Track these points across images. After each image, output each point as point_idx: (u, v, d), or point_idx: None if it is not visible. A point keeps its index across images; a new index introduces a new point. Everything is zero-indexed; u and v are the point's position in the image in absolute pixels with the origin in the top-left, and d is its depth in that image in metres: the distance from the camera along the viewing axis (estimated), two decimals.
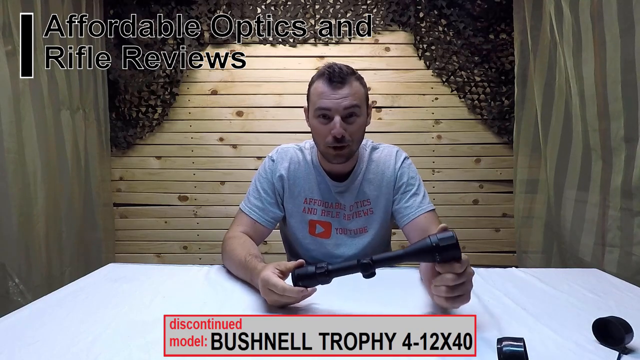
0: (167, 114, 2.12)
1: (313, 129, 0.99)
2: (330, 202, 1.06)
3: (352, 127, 0.95)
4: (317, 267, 0.70)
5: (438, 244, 0.62)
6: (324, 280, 0.70)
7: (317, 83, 0.96)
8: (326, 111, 0.94)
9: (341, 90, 0.93)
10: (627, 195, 1.23)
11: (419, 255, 0.65)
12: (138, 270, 1.00)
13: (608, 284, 0.91)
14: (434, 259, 0.63)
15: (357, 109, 0.94)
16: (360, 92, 0.96)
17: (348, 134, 0.94)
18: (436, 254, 0.62)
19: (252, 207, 1.05)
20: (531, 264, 1.88)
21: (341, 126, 0.93)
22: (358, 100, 0.94)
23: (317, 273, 0.69)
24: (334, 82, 0.93)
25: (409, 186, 1.04)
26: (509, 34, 2.03)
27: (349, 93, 0.93)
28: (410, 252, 0.66)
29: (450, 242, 0.62)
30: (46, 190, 1.63)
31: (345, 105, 0.93)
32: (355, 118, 0.95)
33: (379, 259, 0.67)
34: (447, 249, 0.62)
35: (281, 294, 0.70)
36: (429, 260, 0.64)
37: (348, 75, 0.94)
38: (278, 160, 1.07)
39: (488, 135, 2.12)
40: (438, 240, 0.62)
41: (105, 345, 0.62)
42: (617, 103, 1.25)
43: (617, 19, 1.24)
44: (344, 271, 0.70)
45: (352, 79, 0.95)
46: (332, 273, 0.69)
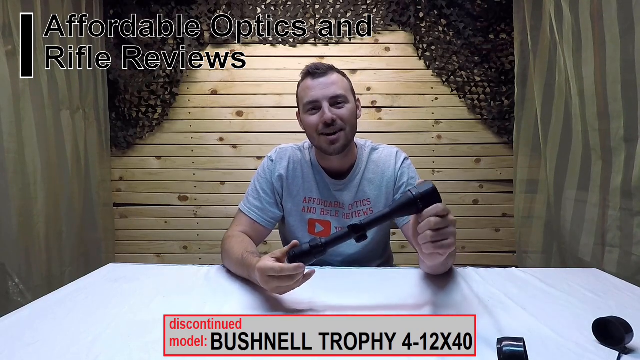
0: (167, 114, 2.12)
1: (306, 126, 1.02)
2: (330, 200, 1.06)
3: (342, 111, 0.98)
4: (310, 243, 0.72)
5: (419, 192, 0.66)
6: (319, 253, 0.72)
7: (302, 82, 1.03)
8: (314, 103, 0.98)
9: (324, 80, 0.98)
10: (627, 195, 1.23)
11: (403, 209, 0.68)
12: (138, 270, 1.00)
13: (608, 284, 0.91)
14: (418, 209, 0.66)
15: (342, 98, 0.99)
16: (343, 83, 1.01)
17: (338, 118, 0.97)
18: (419, 201, 0.66)
19: (251, 208, 1.05)
20: (531, 264, 1.87)
21: (330, 111, 0.97)
22: (342, 89, 0.99)
23: (312, 247, 0.71)
24: (316, 74, 0.99)
25: (409, 186, 1.04)
26: (509, 34, 2.02)
27: (333, 82, 0.99)
28: (396, 207, 0.69)
29: (429, 189, 0.66)
30: (46, 190, 1.63)
31: (331, 93, 0.98)
32: (344, 104, 0.99)
33: (369, 220, 0.71)
34: (428, 196, 0.66)
35: (279, 274, 0.70)
36: (413, 211, 0.67)
37: (328, 69, 1.01)
38: (277, 160, 1.08)
39: (488, 135, 2.12)
40: (418, 190, 0.66)
41: (105, 345, 0.62)
42: (617, 103, 1.25)
43: (617, 19, 1.24)
44: (338, 240, 0.72)
45: (332, 72, 1.01)
46: (327, 245, 0.71)
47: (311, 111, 0.99)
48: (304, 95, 1.00)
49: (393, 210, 0.69)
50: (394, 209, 0.69)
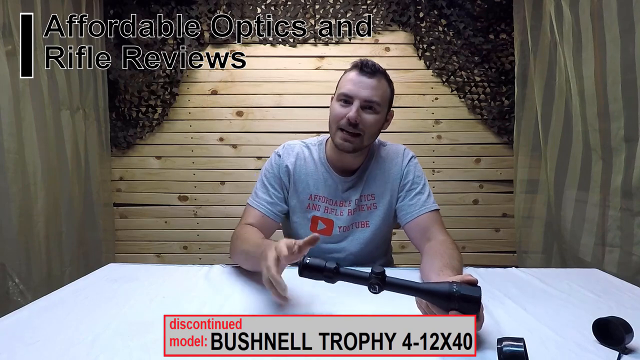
0: (167, 114, 2.12)
1: (331, 112, 1.01)
2: (335, 199, 1.06)
3: (368, 119, 0.96)
4: (327, 263, 0.66)
5: (461, 293, 0.58)
6: (329, 278, 0.65)
7: (349, 72, 1.00)
8: (348, 97, 0.96)
9: (368, 81, 0.96)
10: (627, 195, 1.23)
11: (436, 297, 0.60)
12: (138, 270, 1.00)
13: (608, 284, 0.91)
14: (451, 307, 0.59)
15: (377, 105, 0.96)
16: (384, 91, 0.98)
17: (362, 123, 0.96)
18: (456, 303, 0.58)
19: (260, 201, 1.04)
20: (531, 264, 1.88)
21: (357, 112, 0.95)
22: (380, 97, 0.97)
23: (326, 268, 0.65)
24: (365, 71, 0.96)
25: (414, 184, 1.05)
26: (509, 34, 2.02)
27: (374, 86, 0.96)
28: (429, 290, 0.61)
29: (475, 297, 0.58)
30: (46, 190, 1.63)
31: (368, 94, 0.95)
32: (373, 112, 0.97)
33: (390, 282, 0.63)
34: (468, 301, 0.58)
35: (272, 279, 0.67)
36: (444, 306, 0.59)
37: (380, 71, 0.98)
38: (284, 156, 1.07)
39: (488, 135, 2.12)
40: (461, 291, 0.58)
41: (105, 345, 0.62)
42: (617, 103, 1.25)
43: (617, 19, 1.24)
44: (352, 277, 0.65)
45: (382, 77, 0.98)
46: (339, 275, 0.65)
47: (342, 102, 0.97)
48: (343, 85, 0.98)
49: (423, 291, 0.62)
50: (425, 291, 0.62)
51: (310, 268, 0.66)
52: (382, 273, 0.63)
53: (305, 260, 0.66)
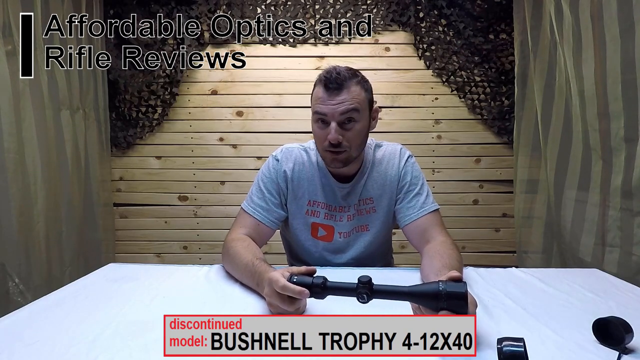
0: (167, 114, 2.12)
1: (313, 133, 0.99)
2: (334, 205, 1.05)
3: (350, 133, 0.93)
4: (314, 281, 0.67)
5: (447, 291, 0.59)
6: (318, 294, 0.67)
7: (316, 88, 0.96)
8: (323, 116, 0.93)
9: (338, 97, 0.91)
10: (627, 195, 1.23)
11: (424, 298, 0.61)
12: (138, 270, 1.00)
13: (608, 284, 0.91)
14: (440, 307, 0.59)
15: (355, 114, 0.92)
16: (359, 96, 0.93)
17: (345, 139, 0.93)
18: (444, 302, 0.59)
19: (255, 208, 1.02)
20: (531, 264, 1.87)
21: (337, 132, 0.91)
22: (356, 104, 0.92)
23: (313, 284, 0.66)
24: (330, 88, 0.91)
25: (412, 185, 1.03)
26: (509, 34, 2.02)
27: (346, 99, 0.91)
28: (416, 292, 0.62)
29: (460, 293, 0.59)
30: (46, 190, 1.63)
31: (342, 110, 0.91)
32: (354, 124, 0.93)
33: (380, 288, 0.63)
34: (456, 299, 0.59)
35: (280, 290, 0.67)
36: (432, 306, 0.60)
37: (347, 79, 0.92)
38: (282, 160, 1.05)
39: (488, 135, 2.12)
40: (447, 289, 0.59)
41: (105, 345, 0.62)
42: (617, 103, 1.25)
43: (617, 19, 1.24)
44: (341, 290, 0.66)
45: (350, 84, 0.92)
46: (327, 290, 0.66)
47: (319, 123, 0.94)
48: (315, 104, 0.94)
49: (412, 294, 0.63)
50: (413, 293, 0.63)
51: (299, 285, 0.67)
52: (369, 282, 0.63)
53: (293, 280, 0.68)
